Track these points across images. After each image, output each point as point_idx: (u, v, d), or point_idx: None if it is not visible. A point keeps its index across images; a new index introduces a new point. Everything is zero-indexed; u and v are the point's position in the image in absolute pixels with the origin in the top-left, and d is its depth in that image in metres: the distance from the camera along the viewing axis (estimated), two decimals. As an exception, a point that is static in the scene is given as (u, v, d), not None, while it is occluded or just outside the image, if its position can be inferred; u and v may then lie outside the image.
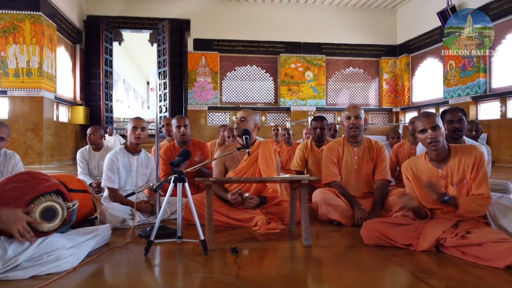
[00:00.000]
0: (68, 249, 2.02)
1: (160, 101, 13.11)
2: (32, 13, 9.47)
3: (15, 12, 9.44)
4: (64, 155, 10.88)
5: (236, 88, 14.01)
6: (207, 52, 13.39)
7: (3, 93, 9.44)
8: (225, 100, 13.92)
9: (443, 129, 2.35)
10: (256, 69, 14.01)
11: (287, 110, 13.90)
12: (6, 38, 9.43)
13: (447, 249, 2.22)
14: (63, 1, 11.01)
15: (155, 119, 2.78)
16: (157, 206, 2.74)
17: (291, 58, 13.86)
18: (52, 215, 2.02)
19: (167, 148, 3.84)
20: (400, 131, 7.95)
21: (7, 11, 9.43)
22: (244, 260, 2.17)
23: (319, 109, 13.91)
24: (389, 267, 2.09)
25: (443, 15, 11.20)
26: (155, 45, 13.47)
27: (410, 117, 10.58)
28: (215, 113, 13.71)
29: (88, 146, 4.89)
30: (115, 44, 13.70)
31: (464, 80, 11.12)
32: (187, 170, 2.79)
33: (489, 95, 10.48)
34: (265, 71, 14.07)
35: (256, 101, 14.07)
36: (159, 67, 13.14)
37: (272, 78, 14.13)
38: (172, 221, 3.14)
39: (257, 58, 13.94)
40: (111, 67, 13.17)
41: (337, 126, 6.07)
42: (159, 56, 13.15)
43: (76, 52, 12.47)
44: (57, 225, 2.04)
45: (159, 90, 13.04)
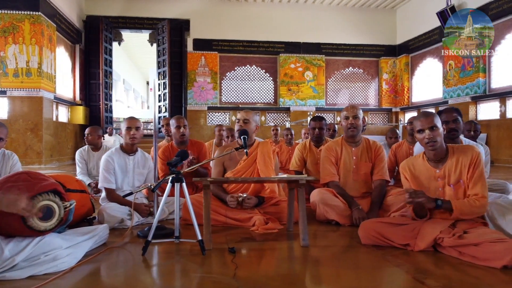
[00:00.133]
0: (65, 249, 2.02)
1: (159, 101, 13.11)
2: (31, 13, 9.48)
3: (14, 12, 9.45)
4: (63, 155, 10.89)
5: (235, 88, 14.01)
6: (206, 52, 13.40)
7: (3, 93, 9.45)
8: (225, 100, 13.92)
9: (442, 129, 2.35)
10: (255, 69, 14.01)
11: (287, 110, 13.90)
12: (5, 38, 9.43)
13: (445, 249, 2.22)
14: (63, 1, 11.02)
15: (154, 119, 2.78)
16: (155, 206, 2.74)
17: (291, 58, 13.87)
18: (49, 214, 2.02)
19: (166, 148, 3.85)
20: (399, 131, 7.96)
21: (6, 11, 9.44)
22: (241, 260, 2.17)
23: (318, 109, 13.91)
24: (386, 267, 2.09)
25: (442, 15, 11.20)
26: (155, 45, 13.48)
27: (409, 117, 10.58)
28: (214, 113, 13.71)
29: (87, 146, 4.88)
30: (115, 44, 13.71)
31: (463, 80, 11.13)
32: (185, 170, 2.80)
33: (488, 95, 10.48)
34: (264, 71, 14.07)
35: (255, 101, 14.08)
36: (159, 67, 13.14)
37: (271, 78, 14.13)
38: (170, 221, 3.13)
39: (256, 58, 13.95)
40: (111, 67, 13.18)
41: (336, 126, 6.07)
42: (158, 56, 13.16)
43: (75, 52, 12.47)
44: (54, 225, 2.04)
45: (158, 90, 13.04)
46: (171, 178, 2.31)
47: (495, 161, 9.84)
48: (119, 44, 14.37)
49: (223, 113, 13.79)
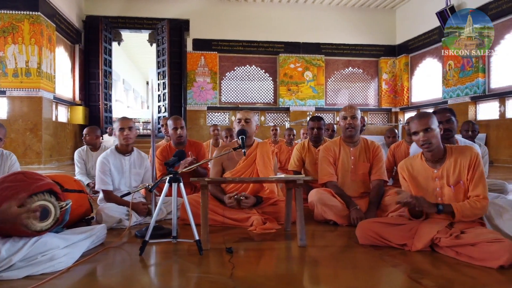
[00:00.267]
0: (62, 249, 2.02)
1: (159, 101, 13.11)
2: (31, 13, 9.48)
3: (14, 12, 9.45)
4: (63, 155, 10.89)
5: (235, 88, 14.01)
6: (206, 52, 13.40)
7: (2, 93, 9.45)
8: (224, 100, 13.93)
9: (438, 130, 2.35)
10: (255, 69, 14.01)
11: (286, 110, 13.90)
12: (5, 38, 9.44)
13: (442, 249, 2.22)
14: (62, 1, 11.02)
15: (151, 119, 2.78)
16: (152, 206, 2.74)
17: (290, 58, 13.87)
18: (45, 214, 2.02)
19: (164, 148, 3.85)
20: (399, 131, 7.96)
21: (5, 11, 9.44)
22: (238, 260, 2.17)
23: (318, 109, 13.91)
24: (383, 267, 2.09)
25: (442, 15, 11.21)
26: (154, 45, 13.48)
27: (408, 117, 10.58)
28: (214, 113, 13.71)
29: (85, 146, 4.89)
30: (114, 44, 13.72)
31: (463, 80, 11.13)
32: (183, 170, 2.80)
33: (488, 95, 10.48)
34: (264, 71, 14.07)
35: (255, 101, 14.08)
36: (158, 67, 13.15)
37: (271, 78, 14.13)
38: (168, 221, 3.13)
39: (256, 58, 13.95)
40: (110, 67, 13.19)
41: (335, 126, 6.08)
42: (158, 56, 13.16)
43: (75, 52, 12.47)
44: (50, 224, 2.04)
45: (157, 90, 13.05)
46: (168, 178, 2.31)
47: (494, 161, 9.84)
48: (119, 44, 14.38)
49: (222, 113, 13.79)
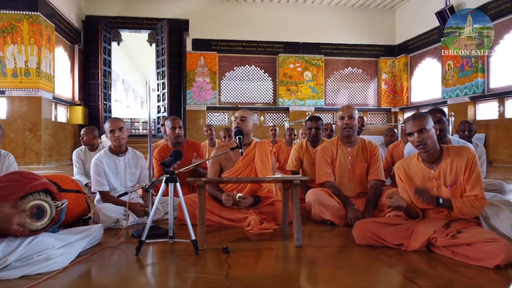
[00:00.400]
0: (58, 249, 2.02)
1: (158, 101, 13.12)
2: (30, 13, 9.49)
3: (13, 12, 9.45)
4: (62, 155, 10.89)
5: (234, 88, 14.01)
6: (205, 52, 13.40)
7: (1, 93, 9.46)
8: (224, 100, 13.93)
9: (433, 130, 2.35)
10: (254, 69, 14.01)
11: (286, 110, 13.91)
12: (4, 38, 9.44)
13: (438, 249, 2.22)
14: (62, 1, 11.02)
15: (148, 120, 2.79)
16: (149, 206, 2.74)
17: (290, 58, 13.87)
18: (40, 213, 2.02)
19: (161, 148, 3.85)
20: (398, 131, 7.95)
21: (5, 11, 9.44)
22: (235, 260, 2.16)
23: (317, 109, 13.92)
24: (379, 267, 2.09)
25: (441, 15, 11.21)
26: (154, 45, 13.48)
27: (406, 118, 10.58)
28: (213, 113, 13.71)
29: (83, 146, 4.89)
30: (114, 44, 13.72)
31: (462, 80, 11.13)
32: (180, 170, 2.80)
33: (487, 95, 10.48)
34: (263, 71, 14.07)
35: (254, 101, 14.08)
36: (158, 67, 13.16)
37: (270, 78, 14.13)
38: (166, 221, 3.12)
39: (255, 58, 13.95)
40: (110, 67, 13.19)
41: (334, 126, 6.08)
42: (157, 56, 13.17)
43: (74, 52, 12.48)
44: (45, 224, 2.04)
45: (156, 90, 13.05)
46: (165, 178, 2.31)
47: (493, 161, 9.84)
48: (118, 44, 14.37)
49: (222, 113, 13.79)
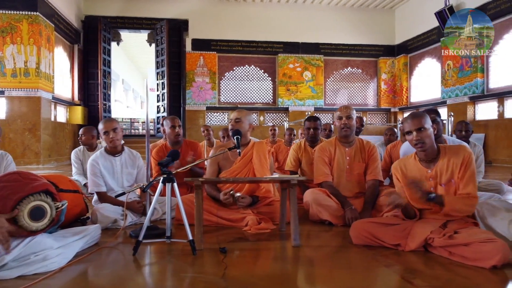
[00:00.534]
0: (55, 249, 2.02)
1: (158, 101, 13.13)
2: (29, 13, 9.49)
3: (12, 12, 9.46)
4: (62, 155, 10.89)
5: (234, 88, 14.02)
6: (205, 52, 13.40)
7: (1, 93, 9.46)
8: (224, 100, 13.93)
9: (431, 130, 2.35)
10: (254, 69, 14.02)
11: (285, 110, 13.91)
12: (3, 38, 9.44)
13: (435, 249, 2.22)
14: (61, 1, 11.02)
15: (146, 119, 2.79)
16: (147, 206, 2.75)
17: (289, 58, 13.87)
18: (40, 214, 2.02)
19: (160, 148, 3.85)
20: (398, 131, 7.95)
21: (4, 11, 9.44)
22: (232, 260, 2.17)
23: (317, 109, 13.92)
24: (376, 267, 2.09)
25: (441, 16, 11.21)
26: (153, 45, 13.48)
27: (404, 117, 10.58)
28: (213, 113, 13.71)
29: (82, 146, 4.89)
30: (114, 44, 13.73)
31: (461, 80, 11.13)
32: (178, 170, 2.80)
33: (486, 95, 10.48)
34: (263, 71, 14.07)
35: (254, 101, 14.08)
36: (157, 67, 13.16)
37: (270, 78, 14.13)
38: (164, 221, 3.12)
39: (255, 58, 13.95)
40: (109, 67, 13.19)
41: (332, 126, 6.08)
42: (157, 56, 13.17)
43: (74, 52, 12.48)
44: (45, 225, 2.04)
45: (156, 90, 13.04)
46: (162, 178, 2.31)
47: (493, 161, 9.84)
48: (118, 44, 14.38)
49: (221, 113, 13.79)
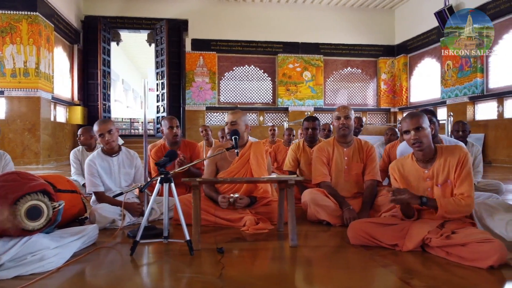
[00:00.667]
0: (52, 249, 2.02)
1: (158, 101, 13.13)
2: (29, 13, 9.49)
3: (12, 12, 9.46)
4: (61, 155, 10.89)
5: (234, 88, 14.02)
6: (205, 52, 13.40)
7: (0, 93, 9.47)
8: (223, 100, 13.93)
9: (429, 129, 2.35)
10: (254, 69, 14.02)
11: (285, 110, 13.91)
12: (3, 38, 9.45)
13: (432, 249, 2.22)
14: (61, 1, 11.02)
15: (144, 119, 2.79)
16: (145, 206, 2.75)
17: (289, 58, 13.87)
18: (37, 214, 2.02)
19: (158, 149, 3.85)
20: (398, 131, 7.96)
21: (4, 11, 9.45)
22: (229, 260, 2.17)
23: (317, 109, 13.92)
24: (373, 268, 2.09)
25: (440, 16, 11.21)
26: (153, 45, 13.49)
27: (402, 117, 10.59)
28: (213, 113, 13.72)
29: (81, 146, 4.89)
30: (113, 44, 13.73)
31: (461, 80, 11.13)
32: (176, 170, 2.80)
33: (486, 95, 10.48)
34: (263, 71, 14.08)
35: (254, 101, 14.08)
36: (157, 67, 13.16)
37: (270, 78, 14.14)
38: (162, 221, 3.12)
39: (255, 58, 13.95)
40: (109, 67, 13.20)
41: (332, 126, 6.07)
42: (157, 56, 13.18)
43: (74, 52, 12.48)
44: (42, 224, 2.04)
45: (156, 90, 13.05)
46: (159, 178, 2.31)
47: (492, 161, 9.84)
48: (118, 44, 14.38)
49: (221, 113, 13.79)
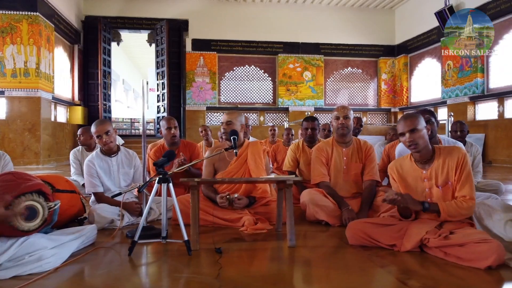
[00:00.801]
0: (50, 249, 2.02)
1: (158, 101, 13.14)
2: (29, 13, 9.51)
3: (12, 12, 9.47)
4: (61, 155, 10.90)
5: (234, 88, 14.03)
6: (205, 52, 13.41)
7: (1, 93, 9.48)
8: (224, 100, 13.94)
9: (425, 130, 2.35)
10: (254, 69, 14.02)
11: (285, 110, 13.91)
12: (3, 38, 9.46)
13: (431, 249, 2.21)
14: (61, 1, 11.04)
15: (142, 119, 2.79)
16: (143, 206, 2.75)
17: (289, 58, 13.87)
18: (33, 214, 2.02)
19: (157, 149, 3.85)
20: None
21: (4, 12, 9.47)
22: (227, 260, 2.17)
23: (317, 109, 13.92)
24: (371, 268, 2.08)
25: (440, 15, 11.20)
26: (154, 45, 13.49)
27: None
28: (213, 113, 13.72)
29: (80, 146, 4.89)
30: (114, 44, 13.74)
31: (461, 80, 11.12)
32: (174, 170, 2.80)
33: (486, 95, 10.47)
34: (263, 71, 14.08)
35: (254, 101, 14.09)
36: (157, 68, 13.17)
37: (270, 78, 14.14)
38: (160, 221, 3.12)
39: (255, 58, 13.96)
40: (109, 67, 13.20)
41: (331, 126, 6.06)
42: (157, 56, 13.18)
43: (74, 52, 12.50)
44: (37, 225, 2.04)
45: (156, 90, 13.06)
46: (158, 178, 2.31)
47: (493, 161, 9.83)
48: (118, 44, 14.39)
49: (222, 113, 13.78)
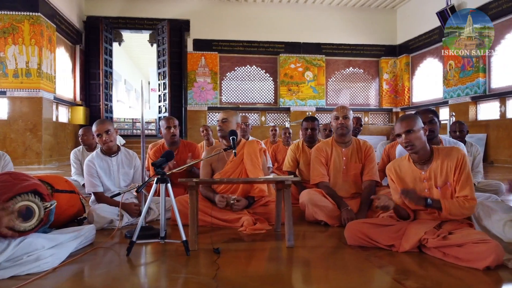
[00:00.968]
0: (48, 249, 2.03)
1: (159, 101, 13.15)
2: (31, 14, 9.52)
3: (13, 13, 9.49)
4: (63, 155, 10.91)
5: (235, 88, 14.03)
6: (206, 52, 13.42)
7: (2, 93, 9.50)
8: (225, 100, 13.94)
9: (422, 131, 2.34)
10: (255, 69, 14.02)
11: (287, 110, 13.90)
12: (5, 39, 9.48)
13: (429, 250, 2.21)
14: (63, 2, 11.06)
15: (141, 119, 2.79)
16: (142, 206, 2.75)
17: (291, 58, 13.86)
18: (28, 214, 2.03)
19: (157, 149, 3.86)
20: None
21: (5, 12, 9.48)
22: (225, 260, 2.16)
23: (318, 109, 13.91)
24: (369, 268, 2.08)
25: (442, 15, 11.17)
26: (155, 45, 13.50)
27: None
28: (214, 113, 13.72)
29: (81, 146, 4.90)
30: (115, 44, 13.75)
31: (463, 80, 11.09)
32: (174, 170, 2.80)
33: (488, 95, 10.44)
34: (264, 71, 14.08)
35: (255, 101, 14.09)
36: (159, 68, 13.18)
37: (271, 78, 14.14)
38: (159, 222, 3.13)
39: (256, 58, 13.95)
40: (111, 67, 13.22)
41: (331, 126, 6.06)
42: (158, 56, 13.19)
43: (75, 52, 12.52)
44: (33, 225, 2.05)
45: (158, 90, 13.07)
46: (156, 179, 2.32)
47: (494, 161, 9.80)
48: (120, 44, 14.41)
49: (223, 113, 13.79)
